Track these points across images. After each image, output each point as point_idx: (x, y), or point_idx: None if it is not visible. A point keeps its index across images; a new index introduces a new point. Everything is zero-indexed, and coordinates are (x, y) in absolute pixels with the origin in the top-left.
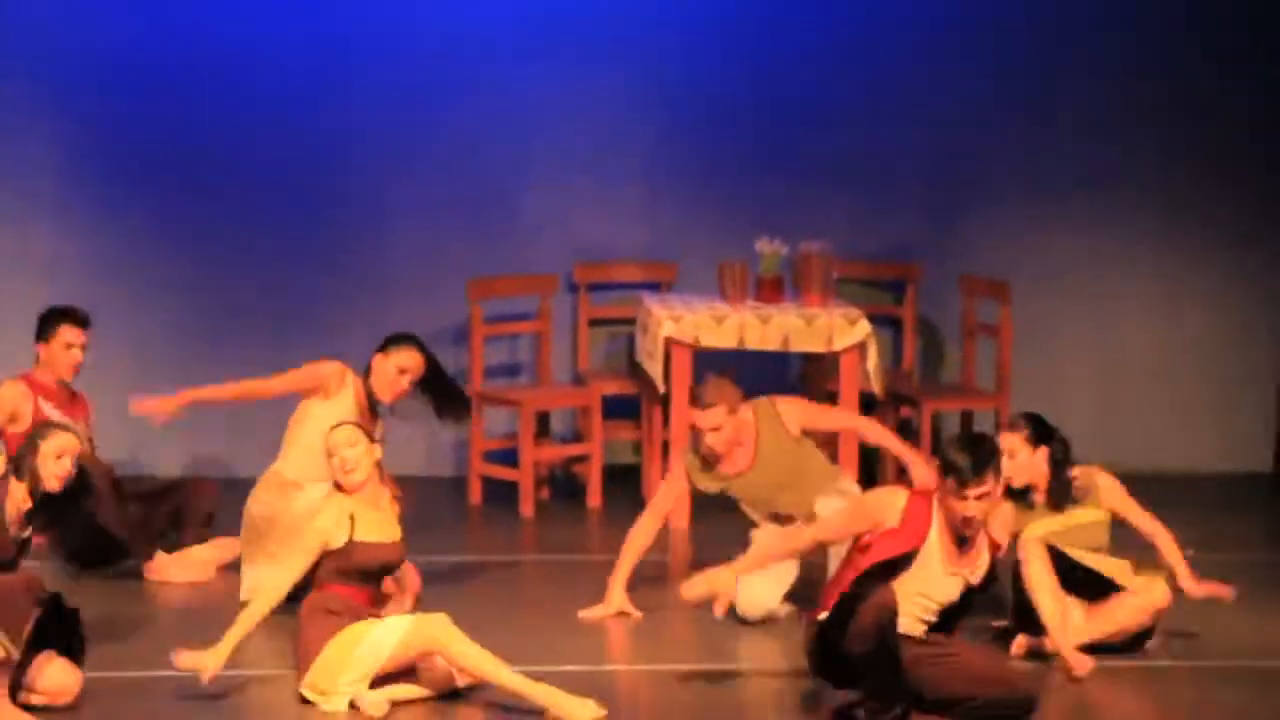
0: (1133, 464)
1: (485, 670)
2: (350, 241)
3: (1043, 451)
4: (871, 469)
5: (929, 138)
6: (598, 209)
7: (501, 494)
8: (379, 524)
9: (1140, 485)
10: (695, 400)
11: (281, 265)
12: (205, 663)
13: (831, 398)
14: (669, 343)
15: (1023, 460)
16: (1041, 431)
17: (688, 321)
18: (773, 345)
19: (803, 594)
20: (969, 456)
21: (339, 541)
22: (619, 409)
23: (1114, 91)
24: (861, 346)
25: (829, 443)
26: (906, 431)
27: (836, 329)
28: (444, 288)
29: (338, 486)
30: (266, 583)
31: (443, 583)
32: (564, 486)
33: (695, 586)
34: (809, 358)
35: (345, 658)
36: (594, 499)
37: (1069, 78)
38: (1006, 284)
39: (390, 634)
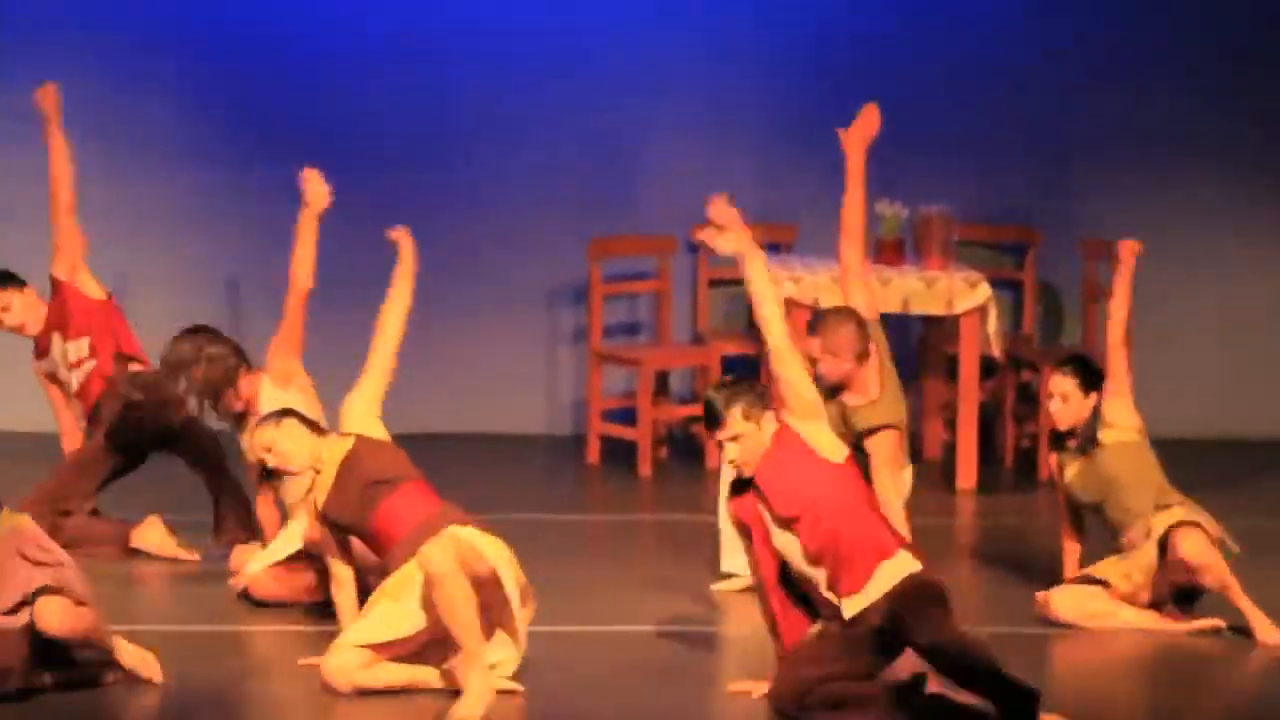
0: (1256, 430)
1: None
2: (471, 203)
3: (1093, 398)
4: None
5: (1048, 101)
6: (719, 170)
7: (620, 453)
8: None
9: (1266, 452)
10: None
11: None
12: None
13: (951, 361)
14: (789, 304)
15: (1074, 405)
16: (1093, 378)
17: (807, 283)
18: (892, 308)
19: None
20: (705, 406)
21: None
22: (738, 369)
23: (1233, 54)
24: (982, 310)
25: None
26: (1026, 395)
27: (957, 292)
28: (564, 248)
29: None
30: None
31: (560, 541)
32: (682, 446)
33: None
34: (929, 321)
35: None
36: (712, 459)
37: (1186, 41)
38: None
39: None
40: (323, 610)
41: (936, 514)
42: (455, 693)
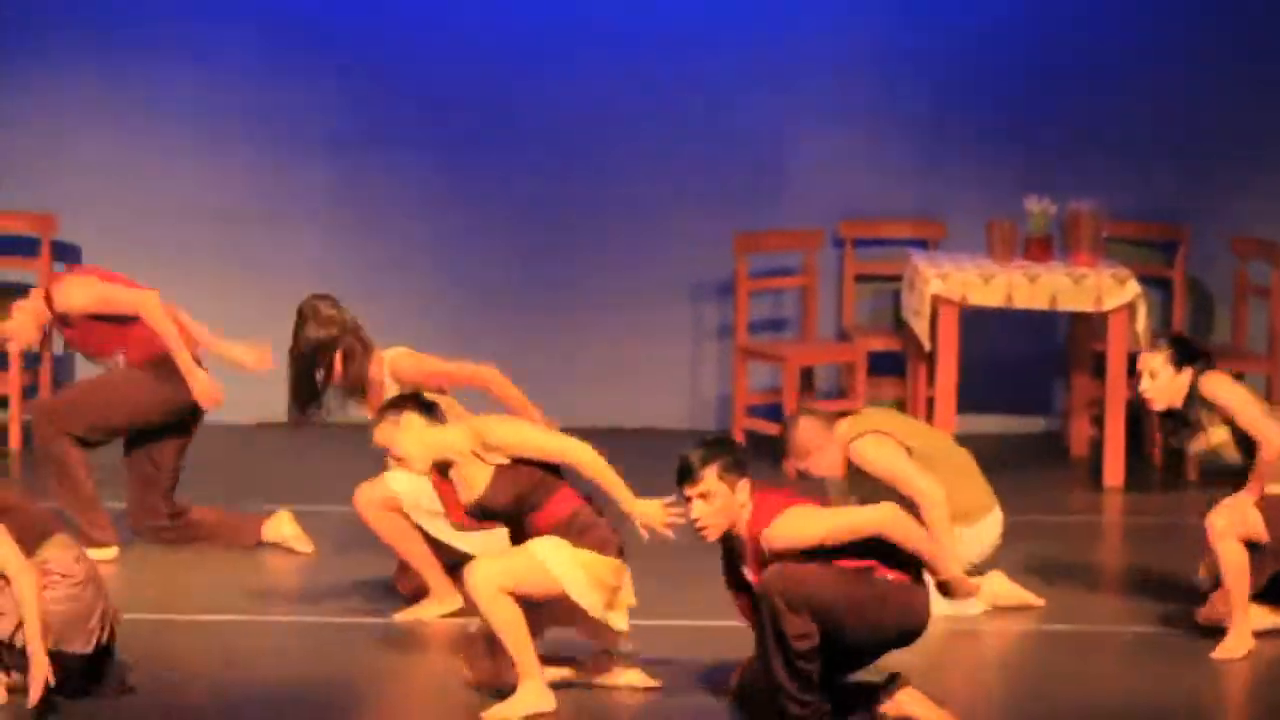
0: None
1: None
2: (618, 198)
3: (1186, 374)
4: None
5: (1199, 97)
6: (866, 165)
7: (764, 449)
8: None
9: None
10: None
11: (548, 222)
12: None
13: (1099, 358)
14: (936, 300)
15: (1163, 382)
16: (1186, 353)
17: (955, 279)
18: (1040, 304)
19: None
20: (680, 462)
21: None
22: (884, 365)
23: None
24: (1130, 307)
25: None
26: None
27: (1105, 289)
28: (710, 243)
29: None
30: None
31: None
32: None
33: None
34: (1077, 318)
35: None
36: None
37: None
38: (1279, 245)
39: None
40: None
41: (1084, 511)
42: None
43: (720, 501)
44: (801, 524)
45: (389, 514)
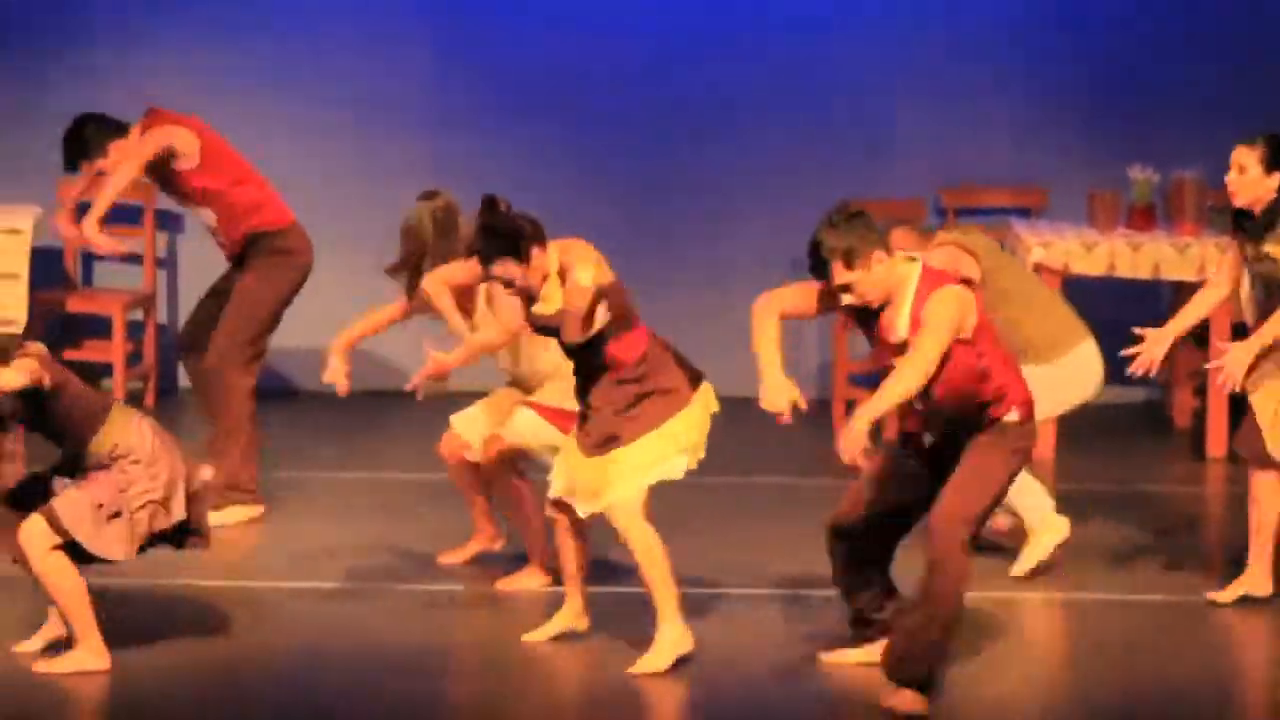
0: None
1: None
2: (719, 167)
3: (1275, 178)
4: None
5: None
6: (967, 134)
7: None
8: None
9: None
10: None
11: (650, 192)
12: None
13: (1201, 328)
14: (1038, 268)
15: (1251, 178)
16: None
17: (1057, 248)
18: (1143, 274)
19: None
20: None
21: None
22: None
23: None
24: None
25: None
26: None
27: (1209, 258)
28: (812, 211)
29: None
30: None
31: (804, 506)
32: None
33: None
34: (1180, 287)
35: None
36: None
37: None
38: None
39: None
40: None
41: (1186, 482)
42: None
43: (863, 284)
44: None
45: (511, 472)
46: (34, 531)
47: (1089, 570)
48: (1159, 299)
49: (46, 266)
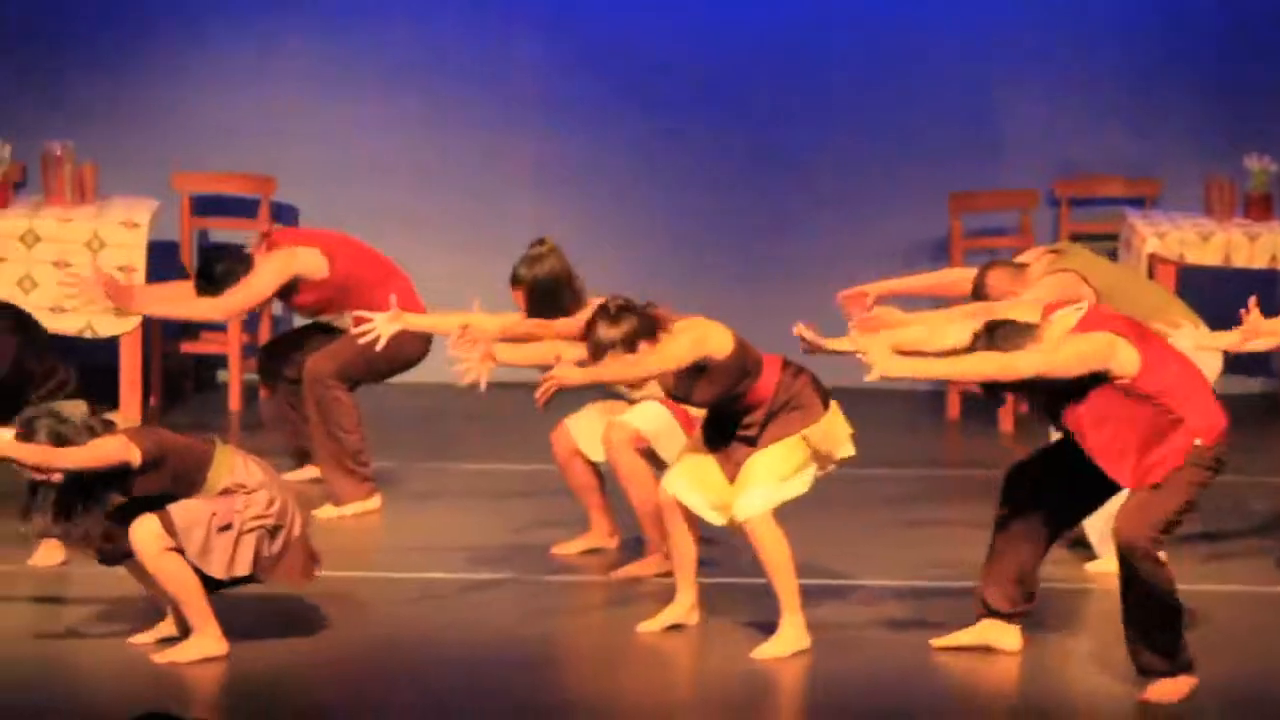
0: None
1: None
2: (834, 157)
3: None
4: None
5: None
6: (1082, 124)
7: (981, 408)
8: None
9: None
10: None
11: (762, 182)
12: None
13: None
14: (1153, 259)
15: None
16: None
17: (1173, 238)
18: (1260, 264)
19: None
20: None
21: None
22: None
23: None
24: None
25: None
26: None
27: None
28: (924, 202)
29: None
30: None
31: (920, 496)
32: None
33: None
34: None
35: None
36: None
37: None
38: None
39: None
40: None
41: None
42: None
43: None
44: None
45: (635, 455)
46: (148, 531)
47: (1205, 562)
48: (1275, 289)
49: (164, 259)
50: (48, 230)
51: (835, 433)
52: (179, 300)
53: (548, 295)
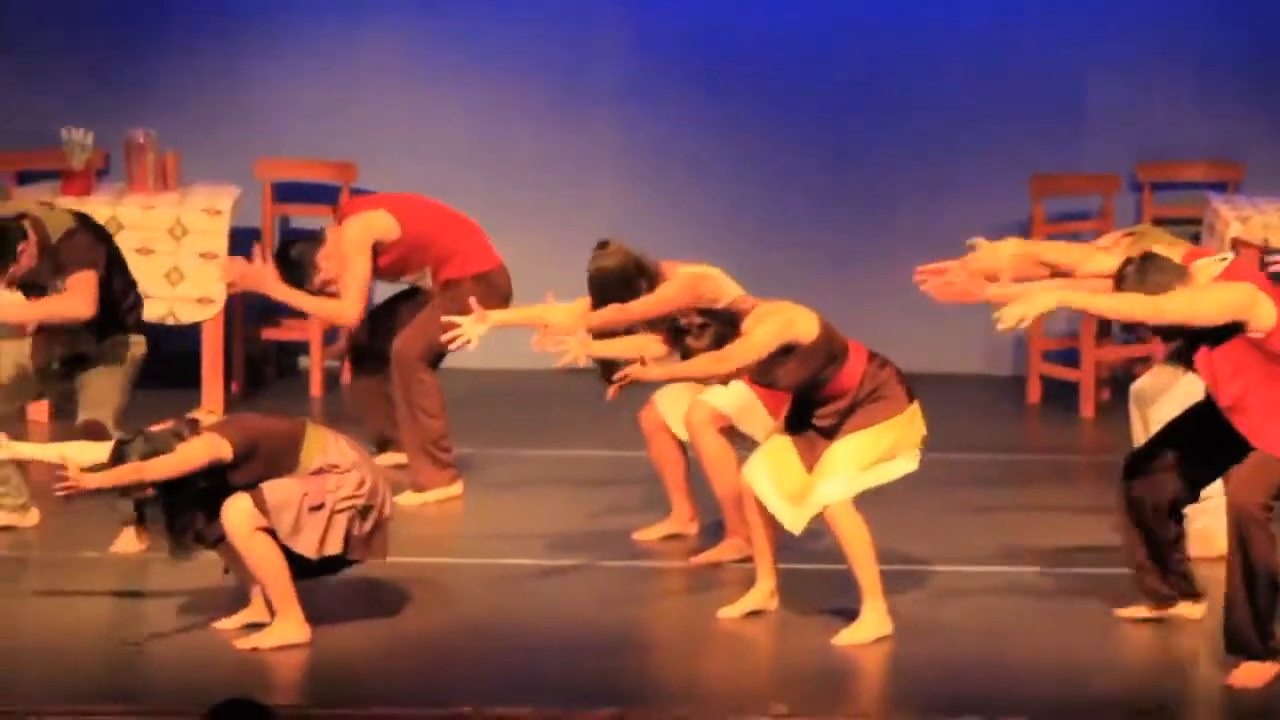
0: None
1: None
2: (914, 140)
3: None
4: None
5: None
6: (1163, 107)
7: (1060, 394)
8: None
9: None
10: None
11: (842, 166)
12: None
13: None
14: (1236, 243)
15: None
16: None
17: (1256, 222)
18: None
19: None
20: None
21: None
22: None
23: None
24: None
25: None
26: None
27: None
28: (1005, 185)
29: None
30: None
31: (1000, 481)
32: (1124, 386)
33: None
34: None
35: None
36: None
37: None
38: None
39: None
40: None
41: None
42: None
43: None
44: None
45: (718, 436)
46: (240, 511)
47: None
48: None
49: (245, 246)
50: (131, 218)
51: (912, 434)
52: (307, 297)
53: (611, 288)
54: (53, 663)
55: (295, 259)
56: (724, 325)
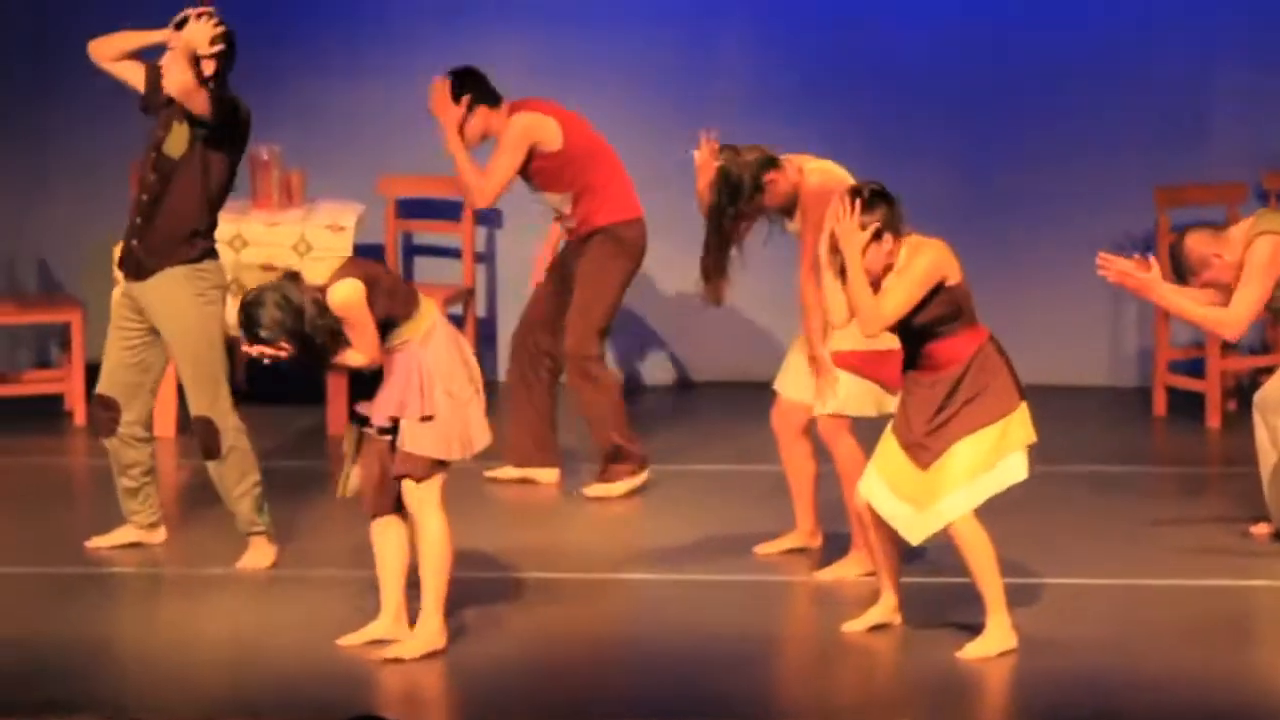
0: None
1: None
2: (1038, 152)
3: None
4: None
5: None
6: None
7: (1186, 405)
8: None
9: None
10: None
11: (967, 177)
12: None
13: None
14: None
15: None
16: None
17: None
18: None
19: None
20: None
21: None
22: None
23: None
24: None
25: None
26: None
27: None
28: (1130, 196)
29: None
30: None
31: (1126, 494)
32: (1250, 397)
33: None
34: None
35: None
36: None
37: None
38: None
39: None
40: None
41: None
42: None
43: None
44: None
45: (850, 439)
46: (413, 500)
47: None
48: None
49: None
50: (255, 234)
51: (1022, 434)
52: (464, 154)
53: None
54: (181, 677)
55: (466, 87)
56: (891, 229)
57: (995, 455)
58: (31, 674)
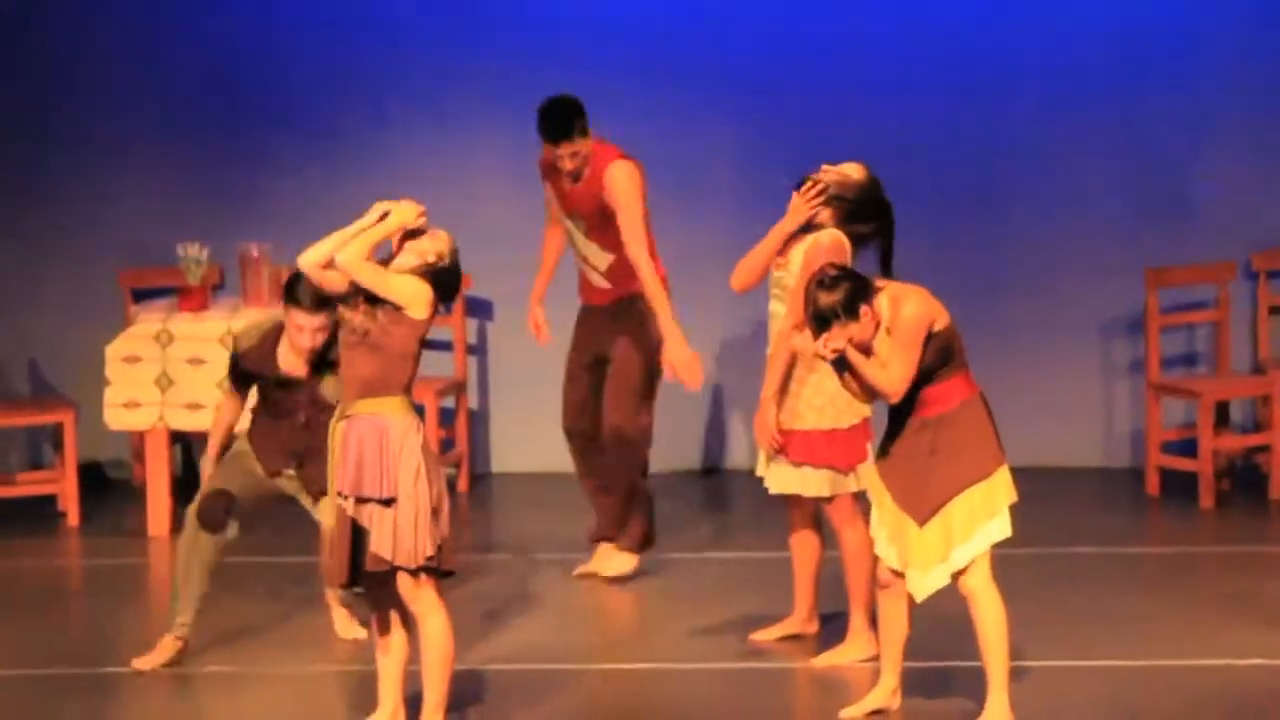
0: None
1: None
2: (1026, 232)
3: None
4: None
5: None
6: (1275, 194)
7: (1180, 485)
8: None
9: None
10: None
11: (955, 257)
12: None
13: None
14: None
15: None
16: None
17: None
18: None
19: None
20: None
21: None
22: None
23: None
24: None
25: None
26: None
27: None
28: (1119, 277)
29: None
30: None
31: (1122, 576)
32: (1244, 477)
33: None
34: None
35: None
36: (1276, 490)
37: None
38: None
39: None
40: None
41: None
42: None
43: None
44: None
45: (863, 527)
46: (407, 593)
47: None
48: None
49: None
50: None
51: (1007, 494)
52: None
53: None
54: None
55: (575, 117)
56: (863, 298)
57: (994, 505)
58: None
